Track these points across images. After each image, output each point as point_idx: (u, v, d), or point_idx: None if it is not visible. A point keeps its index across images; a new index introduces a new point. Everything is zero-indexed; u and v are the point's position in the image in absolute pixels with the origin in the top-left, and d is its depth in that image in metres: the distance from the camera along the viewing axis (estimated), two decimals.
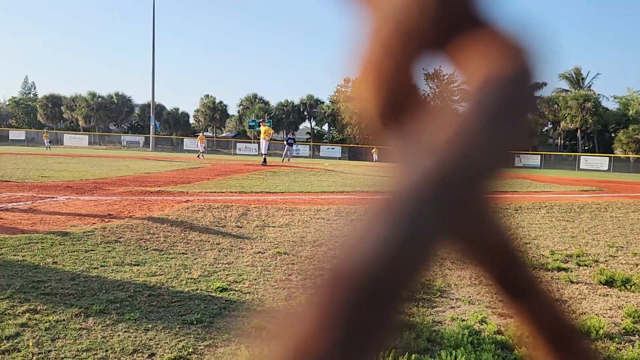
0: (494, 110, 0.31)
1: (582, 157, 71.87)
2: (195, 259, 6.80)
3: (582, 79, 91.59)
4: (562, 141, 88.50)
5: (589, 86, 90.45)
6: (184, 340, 4.15)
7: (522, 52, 0.32)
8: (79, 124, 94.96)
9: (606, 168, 68.81)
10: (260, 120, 35.58)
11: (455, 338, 4.26)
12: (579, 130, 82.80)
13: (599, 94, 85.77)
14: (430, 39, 0.32)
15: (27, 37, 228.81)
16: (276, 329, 0.29)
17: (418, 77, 0.34)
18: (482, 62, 0.32)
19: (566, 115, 79.93)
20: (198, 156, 46.38)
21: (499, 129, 0.31)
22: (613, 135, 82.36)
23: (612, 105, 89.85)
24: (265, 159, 31.66)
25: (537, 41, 0.32)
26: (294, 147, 45.51)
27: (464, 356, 3.83)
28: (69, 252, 6.70)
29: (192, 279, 5.85)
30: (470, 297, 5.72)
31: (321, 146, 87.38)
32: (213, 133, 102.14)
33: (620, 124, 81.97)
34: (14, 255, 6.36)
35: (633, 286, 6.37)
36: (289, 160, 39.42)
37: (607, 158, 70.93)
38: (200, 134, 53.94)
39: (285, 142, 40.74)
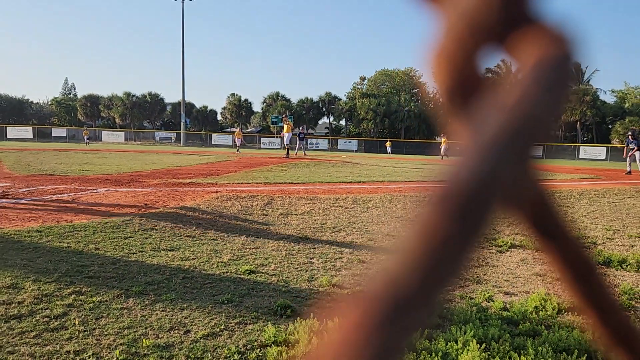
0: (547, 83, 0.36)
1: (581, 147, 71.20)
2: (225, 244, 6.85)
3: (582, 74, 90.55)
4: (562, 132, 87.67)
5: (588, 81, 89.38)
6: (216, 318, 4.19)
7: (565, 41, 0.38)
8: (116, 122, 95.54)
9: (604, 157, 68.11)
10: (283, 116, 35.71)
11: (465, 314, 4.27)
12: (578, 123, 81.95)
13: (597, 88, 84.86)
14: (494, 33, 0.37)
15: (66, 39, 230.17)
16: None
17: (483, 66, 0.38)
18: (535, 50, 0.37)
19: (566, 108, 79.08)
20: (237, 150, 46.01)
21: (552, 97, 0.36)
22: (610, 126, 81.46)
23: (609, 99, 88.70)
24: (288, 152, 31.77)
25: (573, 33, 0.38)
26: (304, 141, 45.37)
27: (473, 331, 3.85)
28: (109, 239, 6.77)
29: (222, 262, 5.90)
30: (477, 277, 5.73)
31: (339, 140, 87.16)
32: (239, 128, 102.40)
33: (617, 116, 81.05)
34: (60, 242, 6.45)
35: (629, 266, 6.34)
36: (304, 152, 39.40)
37: (605, 148, 70.21)
38: (238, 130, 53.64)
39: (297, 137, 40.74)
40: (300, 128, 43.89)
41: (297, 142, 39.84)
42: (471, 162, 0.33)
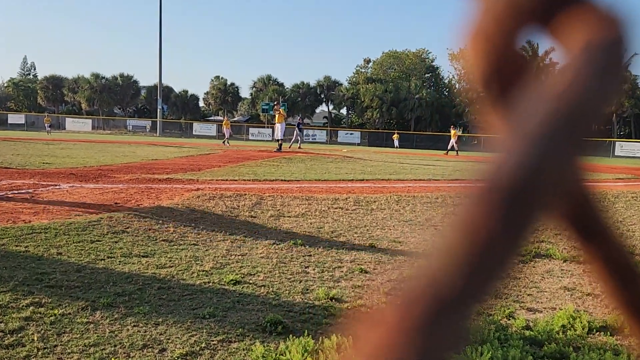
0: (599, 68, 0.37)
1: (617, 143, 71.10)
2: (206, 250, 6.85)
3: None
4: (595, 126, 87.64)
5: (627, 66, 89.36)
6: (196, 334, 4.20)
7: (616, 23, 0.38)
8: (82, 107, 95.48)
9: None
10: (275, 103, 35.34)
11: (482, 333, 4.28)
12: (614, 115, 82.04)
13: (636, 76, 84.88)
14: (537, 14, 0.38)
15: (24, 14, 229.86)
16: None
17: (522, 49, 0.39)
18: (584, 32, 0.38)
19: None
20: (225, 142, 45.77)
21: (604, 83, 0.37)
22: None
23: None
24: (280, 145, 31.55)
25: (625, 13, 0.39)
26: (302, 132, 45.28)
27: (490, 352, 3.86)
28: (74, 242, 6.77)
29: (203, 271, 5.91)
30: (496, 290, 5.74)
31: (339, 131, 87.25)
32: (224, 117, 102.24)
33: None
34: (16, 246, 6.44)
35: None
36: (299, 146, 39.42)
37: None
38: (225, 119, 53.56)
39: (296, 127, 40.75)
40: (299, 117, 43.73)
41: (295, 133, 39.82)
42: (515, 155, 0.34)
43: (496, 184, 0.34)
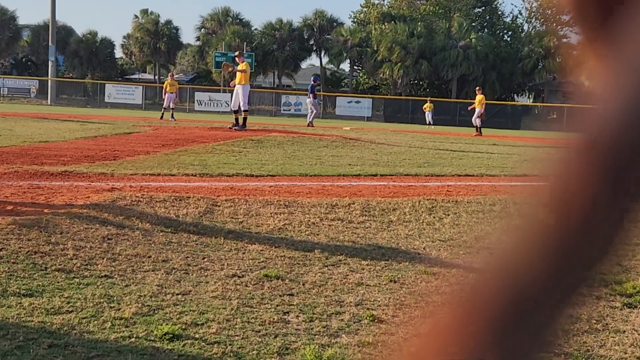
0: None
1: None
2: (127, 285, 6.83)
3: None
4: None
5: None
6: None
7: None
8: None
9: None
10: (236, 53, 34.79)
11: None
12: None
13: None
14: None
15: None
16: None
17: None
18: None
19: None
20: (171, 116, 45.53)
21: None
22: None
23: None
24: (244, 120, 30.93)
25: None
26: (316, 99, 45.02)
27: None
28: None
29: (122, 319, 5.89)
30: (588, 348, 5.75)
31: (338, 98, 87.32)
32: (155, 75, 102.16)
33: None
34: None
35: None
36: (309, 121, 39.75)
37: None
38: (169, 78, 50.30)
39: (309, 95, 40.91)
40: (313, 79, 43.60)
41: (310, 103, 39.88)
42: (623, 100, 0.34)
43: (600, 138, 0.34)
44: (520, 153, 26.74)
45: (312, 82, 43.10)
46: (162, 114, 46.51)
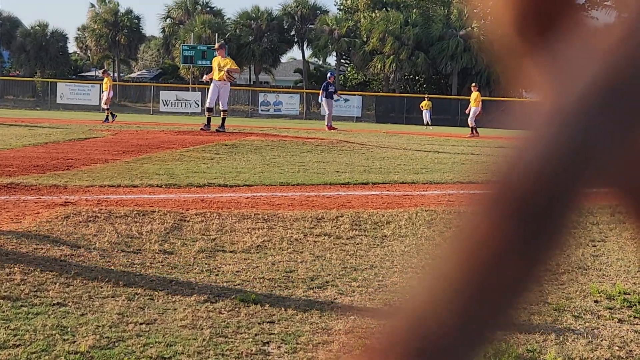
0: None
1: None
2: (83, 314, 6.80)
3: None
4: None
5: None
6: None
7: None
8: None
9: None
10: (216, 45, 34.47)
11: None
12: None
13: None
14: None
15: None
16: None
17: None
18: None
19: None
20: (107, 117, 45.85)
21: None
22: None
23: None
24: (223, 120, 31.00)
25: None
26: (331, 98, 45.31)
27: None
28: None
29: (77, 353, 5.86)
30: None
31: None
32: (114, 71, 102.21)
33: None
34: None
35: None
36: (328, 124, 40.26)
37: None
38: (106, 77, 50.02)
39: (322, 94, 41.31)
40: (330, 75, 44.06)
41: (326, 102, 40.25)
42: (550, 132, 0.40)
43: (510, 182, 0.42)
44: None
45: (328, 80, 43.53)
46: (107, 115, 46.79)
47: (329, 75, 45.19)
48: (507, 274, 0.38)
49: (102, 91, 48.91)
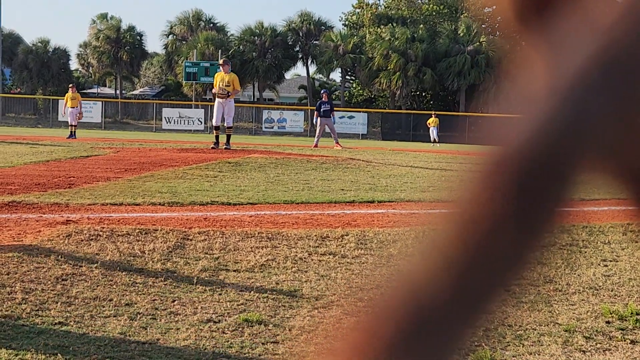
0: None
1: None
2: (84, 334, 6.79)
3: None
4: None
5: None
6: None
7: None
8: None
9: None
10: (221, 61, 34.22)
11: None
12: None
13: None
14: None
15: None
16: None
17: None
18: None
19: None
20: (71, 133, 46.14)
21: None
22: None
23: None
24: (228, 138, 30.99)
25: None
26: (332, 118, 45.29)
27: None
28: None
29: None
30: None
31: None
32: (117, 88, 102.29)
33: None
34: None
35: None
36: (336, 141, 40.23)
37: None
38: (70, 90, 50.86)
39: (317, 113, 41.31)
40: (323, 93, 44.11)
41: (320, 122, 40.14)
42: (548, 107, 0.40)
43: (511, 153, 0.41)
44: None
45: (323, 98, 43.59)
46: (71, 132, 46.90)
47: (322, 92, 45.15)
48: (503, 248, 0.41)
49: (70, 107, 49.06)
